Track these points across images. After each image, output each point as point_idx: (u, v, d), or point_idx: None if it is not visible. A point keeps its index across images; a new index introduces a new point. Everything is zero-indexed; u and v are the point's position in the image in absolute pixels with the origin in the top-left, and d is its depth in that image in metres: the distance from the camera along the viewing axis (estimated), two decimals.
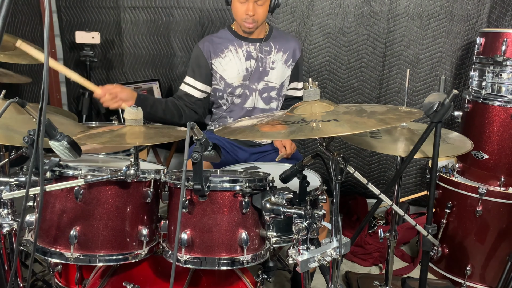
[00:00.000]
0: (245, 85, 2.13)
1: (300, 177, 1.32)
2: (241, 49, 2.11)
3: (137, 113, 1.29)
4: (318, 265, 1.18)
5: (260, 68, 2.12)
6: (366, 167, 2.92)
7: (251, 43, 2.12)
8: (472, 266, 2.19)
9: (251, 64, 2.11)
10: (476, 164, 2.19)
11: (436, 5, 2.61)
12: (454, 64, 2.68)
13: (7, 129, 1.29)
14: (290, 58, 2.17)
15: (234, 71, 2.11)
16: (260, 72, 2.13)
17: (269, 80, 2.15)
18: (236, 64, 2.11)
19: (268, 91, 2.16)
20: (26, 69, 2.69)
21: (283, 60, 2.16)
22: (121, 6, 2.90)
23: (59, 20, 2.98)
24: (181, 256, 1.20)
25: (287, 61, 2.17)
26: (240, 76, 2.12)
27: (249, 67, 2.11)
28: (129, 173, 1.20)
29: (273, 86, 2.16)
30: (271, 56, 2.13)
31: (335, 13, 2.70)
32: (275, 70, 2.14)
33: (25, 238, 1.34)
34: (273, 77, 2.15)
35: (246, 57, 2.11)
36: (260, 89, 2.15)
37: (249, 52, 2.11)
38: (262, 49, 2.12)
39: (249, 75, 2.12)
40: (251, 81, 2.13)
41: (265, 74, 2.14)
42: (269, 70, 2.14)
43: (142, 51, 2.97)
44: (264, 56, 2.13)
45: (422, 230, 1.46)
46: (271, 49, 2.14)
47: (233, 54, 2.11)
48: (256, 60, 2.11)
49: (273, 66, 2.14)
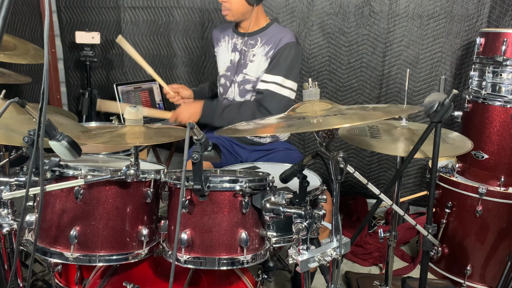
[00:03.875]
0: (226, 76, 2.20)
1: (300, 177, 1.32)
2: (231, 40, 2.19)
3: (137, 113, 1.29)
4: (318, 265, 1.18)
5: (241, 61, 2.15)
6: (366, 167, 2.92)
7: (241, 37, 2.16)
8: (472, 266, 2.19)
9: (235, 56, 2.17)
10: (476, 164, 2.19)
11: (436, 5, 2.61)
12: (454, 64, 2.68)
13: (7, 129, 1.29)
14: (272, 50, 2.07)
15: (222, 61, 2.22)
16: (241, 64, 2.15)
17: (247, 73, 2.14)
18: (225, 54, 2.21)
19: (244, 84, 2.15)
20: (26, 69, 2.69)
21: (264, 52, 2.10)
22: (121, 6, 2.91)
23: (59, 20, 2.98)
24: (181, 256, 1.20)
25: (268, 53, 2.09)
26: (224, 67, 2.21)
27: (232, 59, 2.18)
28: (129, 173, 1.20)
29: (249, 79, 2.14)
30: (254, 49, 2.12)
31: (335, 13, 2.70)
32: (254, 63, 2.12)
33: (25, 238, 1.34)
34: (251, 70, 2.13)
35: (232, 49, 2.18)
36: (239, 82, 2.16)
37: (235, 45, 2.17)
38: (248, 42, 2.13)
39: (232, 66, 2.18)
40: (233, 73, 2.17)
41: (244, 67, 2.14)
42: (248, 63, 2.13)
43: (142, 51, 2.97)
44: (247, 49, 2.14)
45: (422, 230, 1.46)
46: (256, 43, 2.13)
47: (225, 45, 2.22)
48: (240, 53, 2.15)
49: (252, 59, 2.12)
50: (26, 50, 1.94)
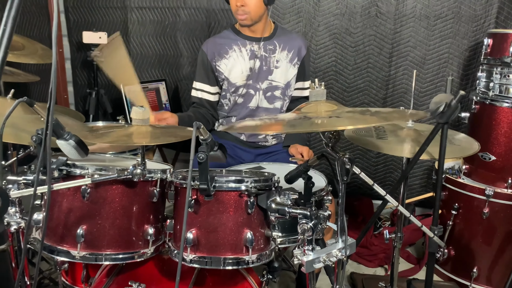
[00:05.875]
0: (248, 85, 2.11)
1: (306, 178, 1.32)
2: (245, 48, 2.10)
3: (144, 113, 1.30)
4: (323, 265, 1.18)
5: (264, 67, 2.10)
6: (372, 168, 2.91)
7: (255, 42, 2.09)
8: (479, 268, 2.18)
9: (255, 63, 2.09)
10: (483, 166, 2.18)
11: (443, 6, 2.60)
12: (461, 65, 2.67)
13: (16, 128, 1.30)
14: (295, 57, 2.14)
15: (238, 71, 2.10)
16: (264, 71, 2.11)
17: (273, 79, 2.12)
18: (240, 63, 2.09)
19: (272, 90, 2.14)
20: (34, 69, 2.71)
21: (288, 59, 2.13)
22: (128, 6, 2.92)
23: (67, 20, 3.00)
24: (187, 256, 1.21)
25: (292, 60, 2.14)
26: (243, 76, 2.10)
27: (252, 66, 2.09)
28: (136, 172, 1.21)
29: (277, 86, 2.13)
30: (275, 54, 2.11)
31: (341, 14, 2.69)
32: (279, 69, 2.12)
33: (33, 236, 1.35)
34: (277, 76, 2.12)
35: (250, 56, 2.09)
36: (264, 89, 2.13)
37: (253, 51, 2.09)
38: (266, 47, 2.10)
39: (252, 74, 2.10)
40: (255, 80, 2.11)
41: (269, 73, 2.12)
42: (273, 69, 2.11)
43: (148, 51, 2.98)
44: (268, 55, 2.10)
45: (428, 232, 1.45)
46: (276, 48, 2.12)
47: (237, 54, 2.09)
48: (260, 59, 2.10)
49: (277, 65, 2.11)
50: (34, 50, 1.96)
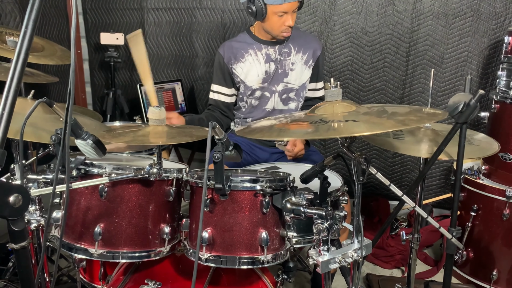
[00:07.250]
0: (264, 88, 2.14)
1: (321, 178, 1.32)
2: (260, 52, 2.12)
3: (160, 113, 1.31)
4: (338, 266, 1.17)
5: (279, 70, 2.13)
6: (388, 168, 2.87)
7: (270, 46, 2.12)
8: (499, 271, 2.13)
9: (270, 67, 2.12)
10: (503, 166, 2.13)
11: (462, 3, 2.55)
12: (480, 63, 2.61)
13: (36, 127, 1.33)
14: (310, 58, 2.16)
15: (254, 74, 2.13)
16: (279, 74, 2.13)
17: (289, 81, 2.14)
18: (256, 67, 2.13)
19: (287, 92, 2.16)
20: (53, 70, 2.76)
21: (303, 61, 2.15)
22: (144, 7, 2.95)
23: (85, 21, 3.05)
24: (202, 255, 1.21)
25: (307, 62, 2.16)
26: (259, 79, 2.13)
27: (268, 70, 2.12)
28: (152, 171, 1.22)
29: (292, 87, 2.15)
30: (291, 57, 2.13)
31: (357, 13, 2.67)
32: (295, 71, 2.14)
33: (52, 234, 1.38)
34: (292, 78, 2.14)
35: (266, 60, 2.12)
36: (280, 91, 2.15)
37: (269, 55, 2.12)
38: (282, 50, 2.12)
39: (268, 77, 2.13)
40: (271, 83, 2.14)
41: (285, 76, 2.14)
42: (289, 72, 2.14)
43: (165, 52, 3.01)
44: (283, 58, 2.12)
45: (446, 233, 1.43)
46: (291, 51, 2.13)
47: (253, 58, 2.12)
48: (275, 62, 2.12)
49: (292, 68, 2.13)
50: (54, 51, 1.99)
